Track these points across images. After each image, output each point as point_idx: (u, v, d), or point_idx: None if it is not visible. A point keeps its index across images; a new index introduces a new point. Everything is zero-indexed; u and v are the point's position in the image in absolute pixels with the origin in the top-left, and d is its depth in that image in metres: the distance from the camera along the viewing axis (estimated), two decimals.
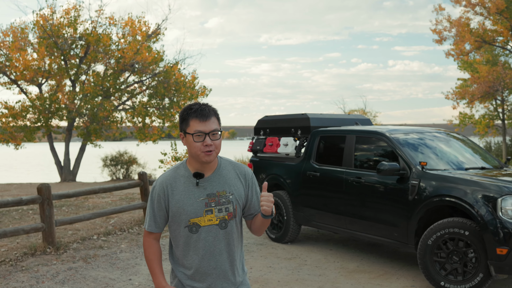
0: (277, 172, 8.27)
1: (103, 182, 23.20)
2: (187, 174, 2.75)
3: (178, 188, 2.72)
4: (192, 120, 2.67)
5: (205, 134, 2.64)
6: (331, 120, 8.28)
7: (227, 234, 2.74)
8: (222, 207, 2.72)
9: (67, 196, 8.12)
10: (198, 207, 2.69)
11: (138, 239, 8.54)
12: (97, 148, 25.11)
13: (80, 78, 24.27)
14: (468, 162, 6.71)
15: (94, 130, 23.47)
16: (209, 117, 2.67)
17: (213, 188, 2.73)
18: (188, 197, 2.70)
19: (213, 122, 2.69)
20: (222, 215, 2.72)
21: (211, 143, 2.65)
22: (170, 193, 2.72)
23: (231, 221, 2.75)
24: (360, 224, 6.84)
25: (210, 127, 2.66)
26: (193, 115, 2.67)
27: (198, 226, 2.70)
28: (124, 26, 24.71)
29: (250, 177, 2.87)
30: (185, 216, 2.70)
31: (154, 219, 2.78)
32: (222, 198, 2.72)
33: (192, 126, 2.66)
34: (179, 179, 2.74)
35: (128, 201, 13.81)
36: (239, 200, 2.78)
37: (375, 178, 6.60)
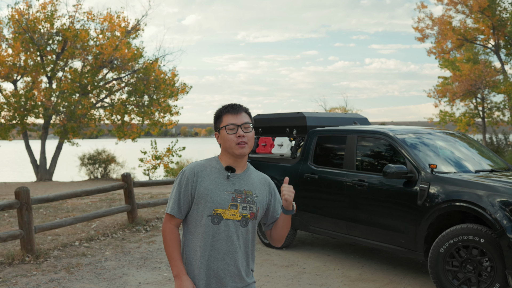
0: (271, 174, 7.83)
1: (81, 182, 22.55)
2: (219, 166, 2.83)
3: (209, 176, 2.79)
4: (225, 116, 2.83)
5: (237, 126, 2.78)
6: (328, 119, 7.88)
7: (246, 233, 2.81)
8: (246, 205, 2.78)
9: (47, 200, 7.58)
10: (225, 198, 2.75)
11: (123, 245, 8.04)
12: (75, 147, 24.44)
13: (56, 74, 23.54)
14: (476, 164, 6.37)
15: (71, 128, 22.79)
16: (240, 111, 2.84)
17: (241, 185, 2.80)
18: (217, 187, 2.76)
19: (244, 116, 2.84)
20: (245, 213, 2.78)
21: (244, 134, 2.77)
22: (200, 179, 2.78)
23: (252, 221, 2.81)
24: (362, 229, 6.45)
25: (242, 119, 2.80)
26: (225, 111, 2.84)
27: (221, 217, 2.74)
28: (103, 21, 24.05)
29: (273, 187, 2.97)
30: (210, 205, 2.74)
31: (178, 204, 2.80)
32: (248, 197, 2.79)
33: (225, 121, 2.81)
34: (210, 169, 2.82)
35: (109, 202, 13.27)
36: (262, 204, 2.85)
37: (380, 181, 6.22)
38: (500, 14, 28.40)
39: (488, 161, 6.61)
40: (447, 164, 6.10)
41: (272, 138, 8.03)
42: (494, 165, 6.52)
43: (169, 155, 23.39)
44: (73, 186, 20.26)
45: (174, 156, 23.49)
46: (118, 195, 14.81)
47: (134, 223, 9.34)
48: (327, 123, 7.78)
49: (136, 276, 6.44)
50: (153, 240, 8.36)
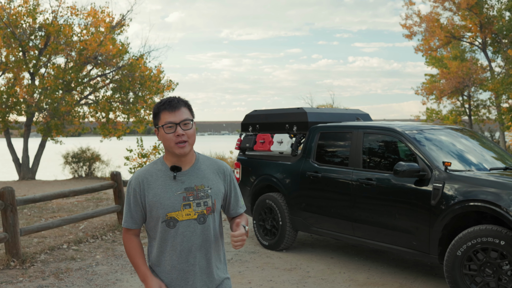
0: (270, 172, 7.49)
1: (65, 181, 22.00)
2: (164, 168, 2.71)
3: (155, 182, 2.68)
4: (163, 113, 2.65)
5: (175, 124, 2.62)
6: (329, 115, 7.53)
7: (206, 229, 2.68)
8: (200, 201, 2.67)
9: (34, 201, 7.15)
10: (175, 200, 2.64)
11: (114, 247, 7.63)
12: (58, 145, 23.85)
13: (39, 71, 22.92)
14: (489, 162, 6.06)
15: (55, 125, 22.20)
16: (178, 107, 2.65)
17: (191, 182, 2.68)
18: (165, 191, 2.65)
19: (184, 112, 2.66)
20: (200, 210, 2.66)
21: (183, 133, 2.62)
22: (146, 187, 2.67)
23: (210, 215, 2.69)
24: (369, 230, 6.12)
25: (181, 117, 2.64)
26: (163, 107, 2.66)
27: (175, 220, 2.64)
28: (87, 16, 23.47)
29: (229, 173, 2.83)
30: (162, 210, 2.63)
31: (131, 215, 2.72)
32: (200, 192, 2.68)
33: (163, 119, 2.65)
34: (155, 173, 2.70)
35: (96, 202, 12.83)
36: (218, 194, 2.74)
37: (389, 180, 5.88)
38: (487, 11, 28.33)
39: (501, 158, 6.31)
40: (460, 162, 5.79)
41: (271, 135, 7.67)
42: (508, 162, 6.22)
43: (156, 153, 22.92)
44: (57, 185, 19.73)
45: (160, 154, 23.01)
46: (104, 194, 14.37)
47: None
48: (329, 119, 7.43)
49: (130, 282, 6.04)
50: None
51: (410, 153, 5.87)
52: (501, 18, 26.48)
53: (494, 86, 26.26)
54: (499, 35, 27.62)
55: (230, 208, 2.87)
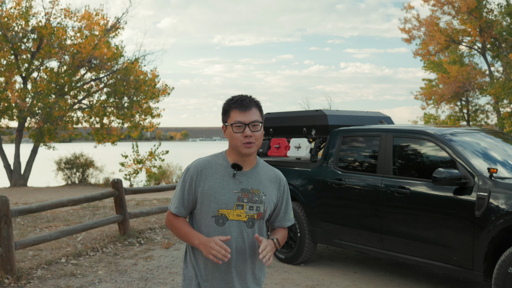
0: (287, 180, 6.90)
1: (58, 187, 21.36)
2: (225, 163, 2.68)
3: (213, 175, 2.64)
4: (233, 111, 2.61)
5: (245, 124, 2.59)
6: (350, 118, 7.00)
7: (253, 234, 2.65)
8: (253, 205, 2.63)
9: (30, 212, 6.54)
10: (230, 198, 2.60)
11: (117, 261, 7.03)
12: (51, 150, 23.20)
13: (32, 74, 22.29)
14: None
15: (47, 130, 21.55)
16: (249, 107, 2.61)
17: (248, 184, 2.65)
18: (221, 186, 2.62)
19: (254, 113, 2.62)
20: (252, 213, 2.63)
21: (251, 134, 2.58)
22: (204, 178, 2.64)
23: (259, 221, 2.67)
24: (401, 243, 5.56)
25: (251, 118, 2.60)
26: (234, 105, 2.62)
27: (225, 218, 2.61)
28: (81, 19, 22.88)
29: (284, 184, 2.79)
30: (214, 205, 2.60)
31: (182, 202, 2.69)
32: (255, 196, 2.64)
33: (232, 117, 2.61)
34: (215, 167, 2.67)
35: (92, 210, 12.21)
36: (270, 203, 2.70)
37: (425, 188, 5.34)
38: (487, 15, 28.01)
39: None
40: (504, 168, 5.25)
41: (287, 139, 7.12)
42: None
43: (152, 159, 22.34)
44: (49, 192, 19.10)
45: (156, 160, 22.43)
46: (100, 202, 13.74)
47: (126, 235, 8.33)
48: (350, 122, 6.90)
49: None
50: (151, 256, 7.37)
51: (448, 159, 5.33)
52: (503, 20, 26.10)
53: (495, 90, 25.89)
54: (499, 40, 27.28)
55: (277, 219, 2.81)
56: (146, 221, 10.01)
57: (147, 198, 15.17)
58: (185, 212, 2.70)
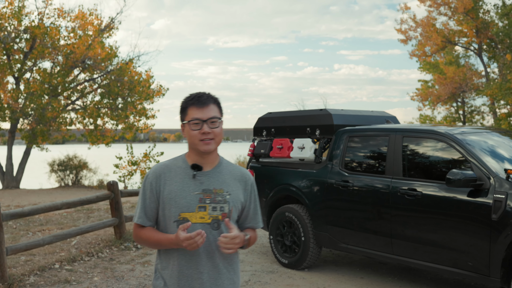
0: (289, 181, 6.68)
1: (51, 189, 21.02)
2: (184, 165, 2.59)
3: (173, 178, 2.55)
4: (190, 108, 2.54)
5: (202, 121, 2.51)
6: (356, 117, 6.75)
7: (218, 236, 2.48)
8: (217, 206, 2.53)
9: (22, 215, 6.26)
10: (191, 201, 2.51)
11: (113, 267, 6.76)
12: (44, 152, 22.86)
13: (24, 75, 21.95)
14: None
15: (40, 132, 21.22)
16: (207, 104, 2.53)
17: (210, 184, 2.55)
18: (181, 189, 2.53)
19: (212, 109, 2.54)
20: (216, 214, 2.52)
21: (210, 131, 2.50)
22: (163, 182, 2.55)
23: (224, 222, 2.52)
24: (413, 248, 5.32)
25: (208, 114, 2.52)
26: (191, 102, 2.55)
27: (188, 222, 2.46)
28: (74, 19, 22.56)
29: (251, 183, 2.68)
30: (175, 209, 2.51)
31: (145, 211, 2.58)
32: (218, 196, 2.54)
33: (190, 114, 2.53)
34: (175, 170, 2.58)
35: (86, 213, 11.93)
36: (236, 202, 2.58)
37: (438, 190, 5.10)
38: (483, 16, 27.87)
39: None
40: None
41: (290, 140, 6.86)
42: None
43: (146, 161, 22.03)
44: (42, 194, 18.78)
45: (151, 162, 22.13)
46: (95, 204, 13.45)
47: (122, 239, 8.05)
48: (356, 122, 6.66)
49: None
50: (148, 261, 7.09)
51: (461, 160, 5.09)
52: (500, 21, 25.97)
53: (492, 91, 25.73)
54: (495, 40, 27.15)
55: (246, 221, 2.68)
56: None
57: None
58: (149, 222, 2.59)
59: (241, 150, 29.13)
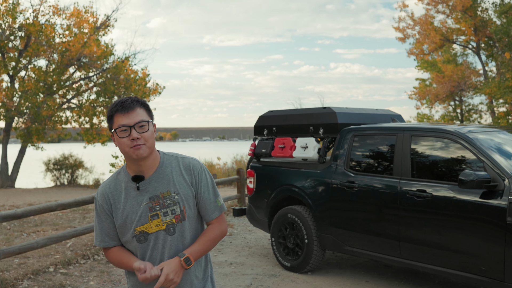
0: (292, 181, 6.47)
1: (46, 189, 20.78)
2: (126, 179, 2.50)
3: (119, 196, 2.48)
4: (116, 116, 2.40)
5: (129, 127, 2.38)
6: (360, 116, 6.54)
7: (177, 240, 2.45)
8: (167, 210, 2.44)
9: (15, 217, 6.03)
10: (142, 213, 2.43)
11: (109, 270, 6.53)
12: (39, 151, 22.61)
13: (19, 73, 21.67)
14: None
15: (36, 130, 20.96)
16: (132, 108, 2.40)
17: (155, 189, 2.46)
18: (131, 204, 2.45)
19: (138, 113, 2.41)
20: (169, 219, 2.44)
21: (138, 136, 2.37)
22: (112, 202, 2.48)
23: (180, 224, 2.46)
24: (422, 252, 5.12)
25: (135, 118, 2.39)
26: (115, 109, 2.41)
27: (146, 234, 2.44)
28: (70, 16, 22.29)
29: (198, 172, 2.53)
30: (130, 225, 2.44)
31: (107, 233, 2.51)
32: (166, 199, 2.45)
33: (116, 122, 2.40)
34: (119, 186, 2.50)
35: (82, 213, 11.71)
36: (187, 199, 2.48)
37: (449, 192, 4.90)
38: (481, 14, 27.71)
39: None
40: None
41: (292, 139, 6.65)
42: None
43: None
44: (37, 193, 18.54)
45: None
46: (91, 204, 13.22)
47: None
48: (360, 120, 6.45)
49: None
50: None
51: (473, 160, 4.89)
52: (499, 19, 25.81)
53: (491, 90, 25.57)
54: (493, 39, 27.00)
55: (204, 213, 2.56)
56: None
57: None
58: (114, 241, 2.53)
59: (237, 148, 28.92)
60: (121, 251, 2.51)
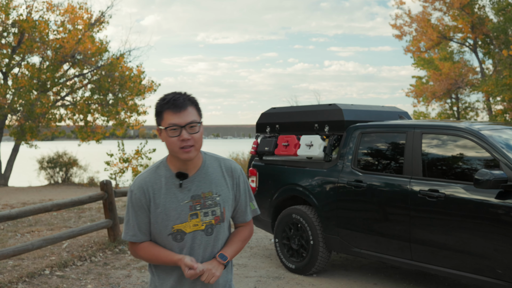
0: (296, 181, 6.26)
1: (40, 187, 20.51)
2: (168, 174, 2.42)
3: (159, 190, 2.40)
4: (166, 113, 2.34)
5: (180, 127, 2.32)
6: (367, 113, 6.34)
7: (214, 241, 2.42)
8: (208, 210, 2.41)
9: (9, 218, 5.80)
10: (182, 211, 2.38)
11: (107, 273, 6.32)
12: (33, 149, 22.32)
13: (12, 70, 21.36)
14: None
15: (29, 128, 20.66)
16: (184, 107, 2.33)
17: (198, 189, 2.42)
18: (170, 201, 2.39)
19: (190, 113, 2.34)
20: (208, 220, 2.41)
21: (189, 137, 2.32)
22: (151, 196, 2.39)
23: (218, 226, 2.43)
24: (435, 254, 4.92)
25: (186, 119, 2.33)
26: (166, 106, 2.34)
27: (183, 233, 2.38)
28: (64, 13, 21.99)
29: (238, 175, 2.52)
30: (168, 222, 2.37)
31: (139, 227, 2.42)
32: (208, 200, 2.42)
33: (166, 120, 2.34)
34: (159, 180, 2.41)
35: (77, 212, 11.47)
36: (227, 201, 2.47)
37: (464, 192, 4.70)
38: (478, 11, 27.57)
39: None
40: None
41: (296, 137, 6.44)
42: None
43: (138, 158, 21.52)
44: (31, 192, 18.28)
45: (143, 159, 21.62)
46: (87, 204, 12.97)
47: (117, 241, 7.61)
48: (367, 118, 6.24)
49: None
50: (145, 266, 6.65)
51: (488, 158, 4.69)
52: (497, 16, 25.69)
53: (489, 87, 25.45)
54: (490, 36, 26.87)
55: (238, 215, 2.57)
56: None
57: None
58: (145, 236, 2.44)
59: (232, 146, 28.73)
60: (155, 245, 2.43)
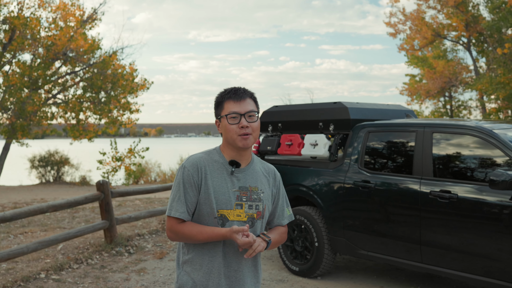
0: (300, 181, 6.09)
1: (31, 186, 20.25)
2: (221, 160, 2.51)
3: (212, 173, 2.46)
4: (227, 102, 2.50)
5: (240, 115, 2.45)
6: (373, 111, 6.17)
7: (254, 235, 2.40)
8: (252, 204, 2.48)
9: (3, 220, 5.59)
10: (229, 198, 2.44)
11: (105, 276, 6.12)
12: (24, 147, 22.03)
13: (3, 67, 21.05)
14: None
15: (20, 126, 20.36)
16: (244, 97, 2.50)
17: (246, 181, 2.50)
18: (220, 185, 2.45)
19: (249, 103, 2.50)
20: (251, 213, 2.47)
21: (248, 125, 2.43)
22: (203, 176, 2.44)
23: (259, 221, 2.50)
24: (446, 257, 4.77)
25: (246, 107, 2.47)
26: (227, 96, 2.51)
27: (226, 219, 2.44)
28: (56, 9, 21.68)
29: (279, 179, 2.66)
30: (215, 205, 2.42)
31: (187, 205, 2.45)
32: (254, 194, 2.49)
33: (226, 108, 2.48)
34: (212, 164, 2.49)
35: (71, 212, 11.25)
36: (269, 200, 2.57)
37: (477, 192, 4.55)
38: (473, 9, 27.53)
39: None
40: None
41: (300, 136, 6.27)
42: None
43: (131, 157, 21.28)
44: (22, 190, 18.03)
45: (136, 158, 21.38)
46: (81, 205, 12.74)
47: (113, 243, 7.40)
48: (373, 116, 6.08)
49: None
50: (143, 268, 6.46)
51: (502, 158, 4.54)
52: (491, 14, 25.65)
53: (483, 86, 25.40)
54: (484, 35, 26.84)
55: (275, 217, 2.64)
56: (133, 225, 9.09)
57: (128, 198, 14.22)
58: (189, 216, 2.46)
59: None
60: (196, 224, 2.46)
